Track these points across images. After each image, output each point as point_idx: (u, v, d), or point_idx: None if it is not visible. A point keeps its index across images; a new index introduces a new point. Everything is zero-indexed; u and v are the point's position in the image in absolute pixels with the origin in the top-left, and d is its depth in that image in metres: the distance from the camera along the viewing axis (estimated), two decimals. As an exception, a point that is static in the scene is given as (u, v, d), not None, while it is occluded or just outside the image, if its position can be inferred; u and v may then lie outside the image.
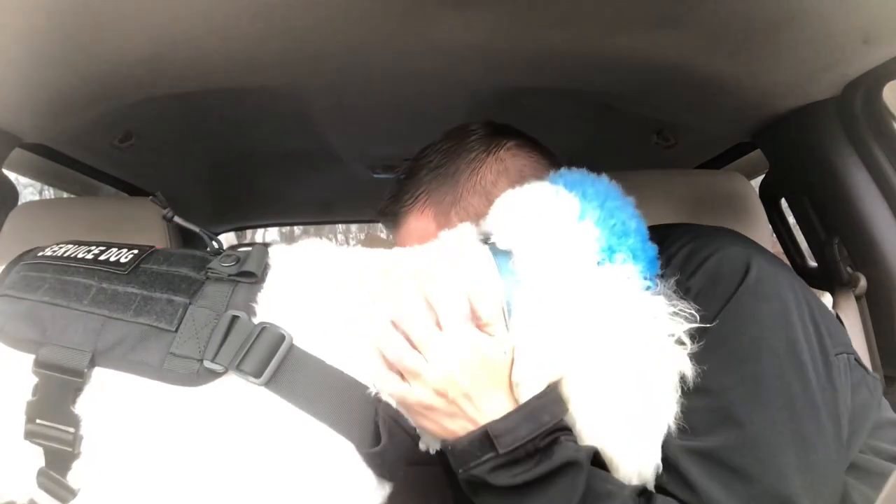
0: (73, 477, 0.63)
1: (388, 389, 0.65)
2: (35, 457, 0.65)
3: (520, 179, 0.86)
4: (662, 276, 0.70)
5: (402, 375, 0.66)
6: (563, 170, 0.79)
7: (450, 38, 1.05)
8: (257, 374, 0.61)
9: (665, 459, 0.64)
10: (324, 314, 0.66)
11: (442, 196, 0.92)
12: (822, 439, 0.64)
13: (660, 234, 0.75)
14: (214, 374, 0.61)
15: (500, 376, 0.65)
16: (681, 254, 0.75)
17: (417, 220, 0.93)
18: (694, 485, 0.62)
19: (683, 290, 0.69)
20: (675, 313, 0.65)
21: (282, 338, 0.63)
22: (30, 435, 0.63)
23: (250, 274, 0.66)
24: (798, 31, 0.93)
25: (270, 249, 0.71)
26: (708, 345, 0.65)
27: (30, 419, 0.63)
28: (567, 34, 1.03)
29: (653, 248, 0.73)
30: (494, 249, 0.71)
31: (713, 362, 0.65)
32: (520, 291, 0.67)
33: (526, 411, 0.64)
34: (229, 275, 0.66)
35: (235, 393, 0.61)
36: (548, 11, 0.96)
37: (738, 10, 0.91)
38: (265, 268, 0.68)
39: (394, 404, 0.66)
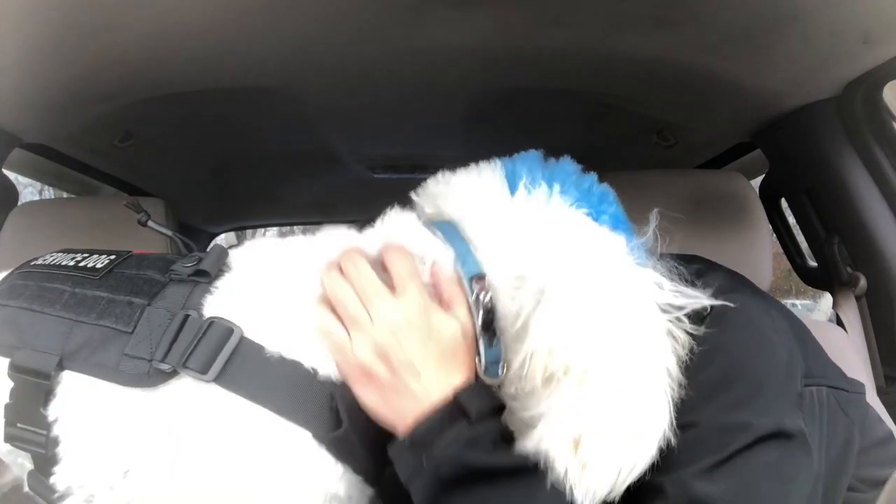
0: (55, 480, 0.63)
1: (327, 333, 0.61)
2: (27, 459, 0.66)
3: None
4: None
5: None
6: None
7: (450, 37, 1.05)
8: (204, 371, 0.59)
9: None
10: (278, 305, 0.64)
11: None
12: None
13: None
14: (166, 375, 0.61)
15: (452, 356, 0.60)
16: None
17: None
18: None
19: None
20: (677, 290, 0.60)
21: (230, 331, 0.61)
22: (10, 438, 0.64)
23: (205, 273, 0.66)
24: (798, 31, 0.93)
25: (230, 250, 0.70)
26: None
27: (10, 422, 0.63)
28: (567, 34, 1.03)
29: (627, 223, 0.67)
30: (442, 226, 0.66)
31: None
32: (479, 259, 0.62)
33: (479, 384, 0.60)
34: (188, 275, 0.66)
35: (187, 392, 0.61)
36: (548, 11, 0.96)
37: (737, 11, 0.91)
38: (222, 266, 0.67)
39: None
